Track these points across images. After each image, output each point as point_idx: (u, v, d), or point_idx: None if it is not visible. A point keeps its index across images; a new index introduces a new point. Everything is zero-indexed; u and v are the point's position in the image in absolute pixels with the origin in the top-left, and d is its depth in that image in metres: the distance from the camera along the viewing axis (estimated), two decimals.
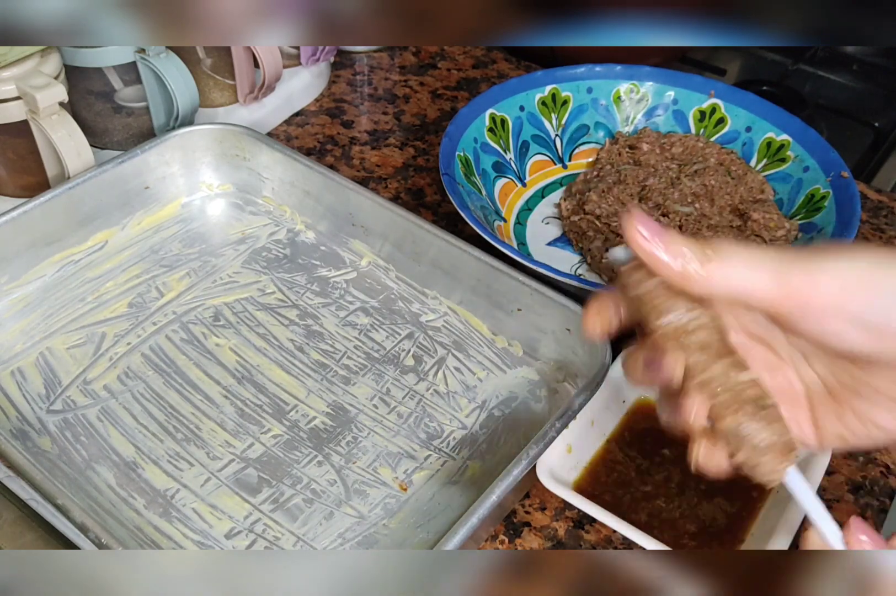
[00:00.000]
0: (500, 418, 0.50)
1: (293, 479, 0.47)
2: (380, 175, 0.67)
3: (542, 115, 0.66)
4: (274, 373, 0.52)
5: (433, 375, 0.52)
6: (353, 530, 0.44)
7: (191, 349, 0.53)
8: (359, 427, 0.49)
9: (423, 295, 0.56)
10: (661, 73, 0.67)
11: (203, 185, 0.61)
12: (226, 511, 0.45)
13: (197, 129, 0.59)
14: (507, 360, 0.53)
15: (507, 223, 0.61)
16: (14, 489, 0.39)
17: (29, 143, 0.55)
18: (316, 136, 0.70)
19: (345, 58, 0.80)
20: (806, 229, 0.58)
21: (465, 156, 0.59)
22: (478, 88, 0.77)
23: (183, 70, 0.59)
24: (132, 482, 0.46)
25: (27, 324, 0.53)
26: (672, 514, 0.44)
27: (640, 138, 0.65)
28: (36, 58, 0.53)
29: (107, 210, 0.57)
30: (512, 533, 0.45)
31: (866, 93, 0.88)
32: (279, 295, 0.56)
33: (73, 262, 0.56)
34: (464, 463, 0.48)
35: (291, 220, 0.61)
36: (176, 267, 0.58)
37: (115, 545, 0.38)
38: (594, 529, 0.46)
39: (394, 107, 0.74)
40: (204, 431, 0.48)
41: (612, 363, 0.46)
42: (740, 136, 0.65)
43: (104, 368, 0.51)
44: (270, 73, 0.65)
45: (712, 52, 0.92)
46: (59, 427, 0.48)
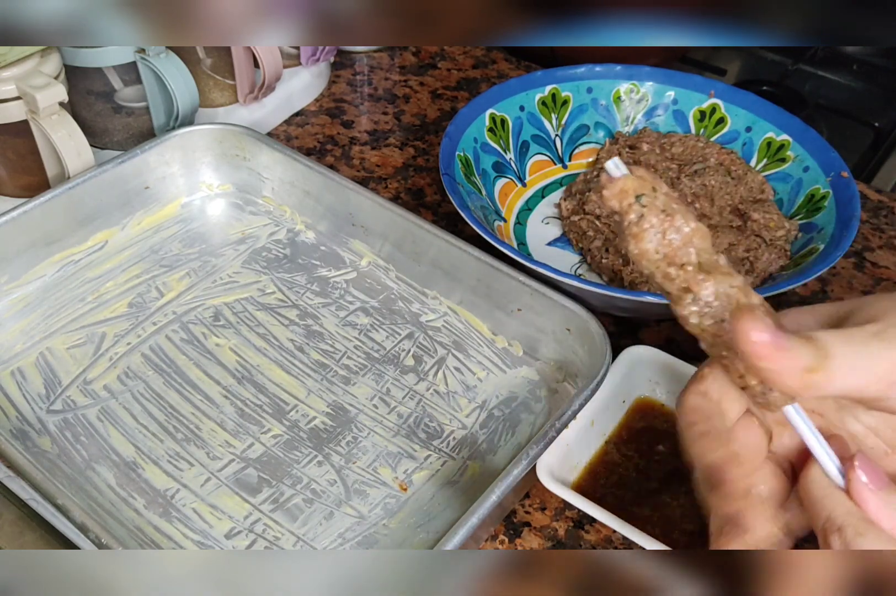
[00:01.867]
0: (500, 418, 0.50)
1: (293, 479, 0.47)
2: (380, 175, 0.67)
3: (542, 115, 0.66)
4: (274, 373, 0.52)
5: (433, 375, 0.52)
6: (353, 530, 0.44)
7: (191, 349, 0.53)
8: (359, 427, 0.49)
9: (423, 295, 0.56)
10: (661, 73, 0.66)
11: (203, 185, 0.61)
12: (226, 511, 0.45)
13: (197, 129, 0.59)
14: (507, 360, 0.53)
15: (507, 223, 0.61)
16: (14, 489, 0.39)
17: (29, 143, 0.55)
18: (316, 136, 0.70)
19: (345, 58, 0.80)
20: (806, 229, 0.58)
21: (465, 156, 0.59)
22: (478, 88, 0.77)
23: (183, 70, 0.59)
24: (132, 482, 0.46)
25: (27, 324, 0.53)
26: (675, 511, 0.44)
27: (640, 138, 0.65)
28: (36, 58, 0.53)
29: (107, 210, 0.57)
30: (512, 533, 0.45)
31: (866, 93, 0.88)
32: (279, 295, 0.56)
33: (73, 262, 0.56)
34: (464, 463, 0.48)
35: (291, 220, 0.61)
36: (176, 267, 0.58)
37: (115, 545, 0.38)
38: (594, 529, 0.46)
39: (394, 107, 0.74)
40: (204, 431, 0.48)
41: (611, 363, 0.46)
42: (740, 136, 0.65)
43: (104, 368, 0.51)
44: (270, 73, 0.65)
45: (712, 52, 0.92)
46: (59, 427, 0.48)
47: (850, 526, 0.28)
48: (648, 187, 0.30)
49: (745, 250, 0.56)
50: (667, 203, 0.30)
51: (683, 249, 0.30)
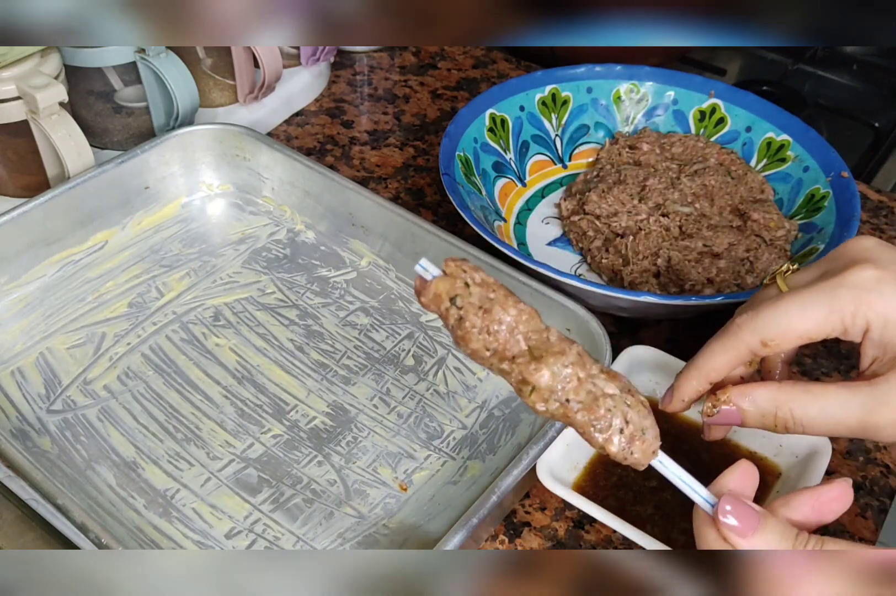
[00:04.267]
0: (500, 418, 0.50)
1: (293, 479, 0.47)
2: (380, 175, 0.67)
3: (542, 115, 0.66)
4: (274, 373, 0.52)
5: (433, 375, 0.52)
6: (353, 530, 0.44)
7: (191, 349, 0.53)
8: (359, 427, 0.49)
9: None
10: (661, 73, 0.67)
11: (203, 185, 0.61)
12: (226, 511, 0.45)
13: (197, 129, 0.59)
14: None
15: (507, 223, 0.61)
16: (14, 489, 0.39)
17: (29, 143, 0.55)
18: (316, 136, 0.70)
19: (345, 58, 0.80)
20: (806, 229, 0.58)
21: (465, 156, 0.59)
22: (478, 88, 0.77)
23: (183, 70, 0.59)
24: (132, 482, 0.46)
25: (27, 324, 0.53)
26: (674, 510, 0.44)
27: (640, 138, 0.65)
28: (36, 58, 0.53)
29: (107, 210, 0.57)
30: (512, 533, 0.45)
31: (866, 93, 0.88)
32: (279, 295, 0.56)
33: (73, 262, 0.56)
34: (464, 463, 0.48)
35: (291, 220, 0.61)
36: (176, 267, 0.58)
37: (115, 545, 0.38)
38: (594, 529, 0.46)
39: (394, 107, 0.74)
40: (204, 431, 0.48)
41: (611, 363, 0.46)
42: (740, 136, 0.65)
43: (104, 368, 0.51)
44: (270, 73, 0.65)
45: (712, 52, 0.92)
46: (59, 427, 0.48)
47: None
48: (461, 285, 0.30)
49: (745, 250, 0.56)
50: (482, 297, 0.30)
51: (511, 340, 0.30)
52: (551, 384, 0.30)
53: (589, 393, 0.30)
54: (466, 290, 0.30)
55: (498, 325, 0.29)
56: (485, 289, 0.30)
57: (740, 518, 0.30)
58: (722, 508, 0.30)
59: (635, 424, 0.31)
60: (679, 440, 0.47)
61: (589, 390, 0.30)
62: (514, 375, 0.30)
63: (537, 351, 0.30)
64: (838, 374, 0.54)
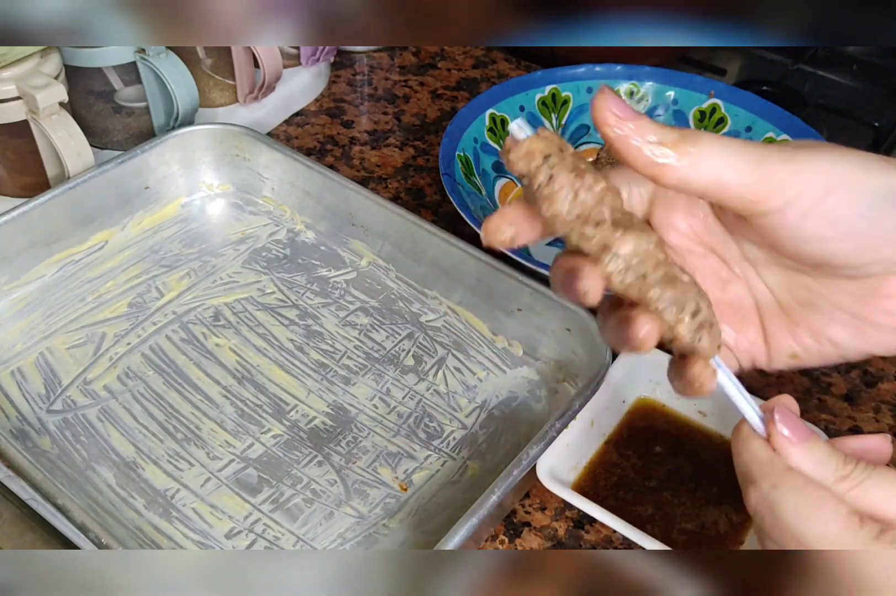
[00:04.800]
0: (500, 418, 0.50)
1: (293, 479, 0.47)
2: (380, 175, 0.67)
3: (542, 115, 0.66)
4: (274, 373, 0.52)
5: (433, 375, 0.52)
6: (353, 530, 0.44)
7: (191, 349, 0.53)
8: (359, 427, 0.49)
9: (423, 295, 0.56)
10: (661, 73, 0.66)
11: (203, 185, 0.61)
12: (226, 511, 0.45)
13: (197, 129, 0.59)
14: (507, 360, 0.53)
15: None
16: (14, 489, 0.39)
17: (29, 143, 0.55)
18: (316, 136, 0.70)
19: (345, 58, 0.80)
20: None
21: (465, 156, 0.59)
22: (478, 88, 0.77)
23: (183, 70, 0.59)
24: (132, 482, 0.46)
25: (27, 324, 0.53)
26: (675, 510, 0.44)
27: None
28: (36, 58, 0.53)
29: (107, 210, 0.57)
30: (512, 533, 0.45)
31: (866, 93, 0.88)
32: (279, 295, 0.56)
33: (73, 262, 0.56)
34: (464, 463, 0.48)
35: (291, 220, 0.61)
36: (176, 267, 0.58)
37: (115, 545, 0.38)
38: (594, 529, 0.46)
39: (394, 107, 0.74)
40: (204, 431, 0.48)
41: (612, 363, 0.46)
42: (740, 136, 0.65)
43: (104, 368, 0.51)
44: (270, 73, 0.65)
45: (712, 52, 0.92)
46: (59, 427, 0.48)
47: (765, 479, 0.29)
48: (555, 148, 0.28)
49: None
50: (575, 163, 0.28)
51: (597, 208, 0.28)
52: (635, 253, 0.29)
53: (666, 274, 0.29)
54: (561, 153, 0.29)
55: (588, 191, 0.28)
56: (577, 158, 0.29)
57: (792, 428, 0.29)
58: (778, 417, 0.29)
59: (705, 314, 0.30)
60: (679, 440, 0.47)
61: (666, 272, 0.29)
62: (596, 240, 0.28)
63: (622, 224, 0.29)
64: (838, 374, 0.54)
